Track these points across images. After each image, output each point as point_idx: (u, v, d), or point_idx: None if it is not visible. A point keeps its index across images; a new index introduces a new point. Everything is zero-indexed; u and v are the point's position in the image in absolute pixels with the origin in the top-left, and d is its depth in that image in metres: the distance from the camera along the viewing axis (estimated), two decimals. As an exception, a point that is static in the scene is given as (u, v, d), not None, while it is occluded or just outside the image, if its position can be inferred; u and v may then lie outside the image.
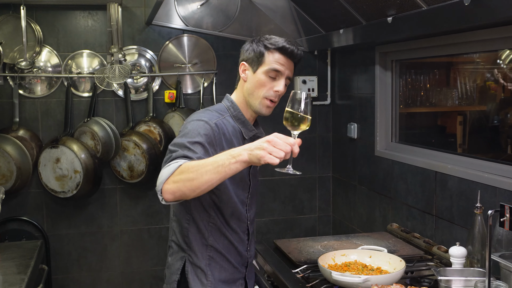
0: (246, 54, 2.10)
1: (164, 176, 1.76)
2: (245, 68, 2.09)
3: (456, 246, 2.19)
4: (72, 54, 3.69)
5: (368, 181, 3.54)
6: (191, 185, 1.73)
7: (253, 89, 2.06)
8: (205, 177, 1.72)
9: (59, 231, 3.78)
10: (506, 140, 3.00)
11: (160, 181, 1.77)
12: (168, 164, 1.79)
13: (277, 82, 2.05)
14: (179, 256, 2.10)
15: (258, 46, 2.06)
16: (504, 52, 2.85)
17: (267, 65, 2.04)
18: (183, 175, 1.73)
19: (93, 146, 3.60)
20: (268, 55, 2.05)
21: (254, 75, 2.06)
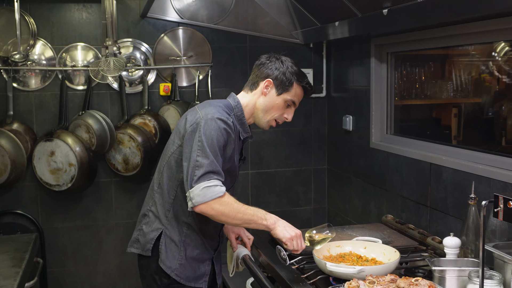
0: (275, 73, 2.26)
1: (207, 197, 2.02)
2: (269, 85, 2.26)
3: (450, 236, 2.20)
4: (67, 47, 3.67)
5: (363, 173, 3.55)
6: (222, 219, 2.08)
7: (269, 108, 2.27)
8: (235, 221, 2.10)
9: (54, 225, 3.77)
10: (500, 132, 3.00)
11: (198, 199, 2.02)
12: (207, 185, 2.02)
13: (289, 111, 2.32)
14: (155, 227, 2.26)
15: (291, 75, 2.26)
16: (499, 45, 2.86)
17: (291, 95, 2.27)
18: (221, 208, 2.04)
19: (88, 139, 3.59)
20: (295, 86, 2.27)
21: (276, 97, 2.26)
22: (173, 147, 2.24)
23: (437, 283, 1.96)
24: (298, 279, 2.21)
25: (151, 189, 2.34)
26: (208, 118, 2.10)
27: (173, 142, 2.25)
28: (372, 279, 1.87)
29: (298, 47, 4.00)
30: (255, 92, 2.29)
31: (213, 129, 2.08)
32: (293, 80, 2.26)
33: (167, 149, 2.29)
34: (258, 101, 2.28)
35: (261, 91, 2.27)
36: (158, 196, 2.28)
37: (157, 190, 2.29)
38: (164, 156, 2.30)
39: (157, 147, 3.71)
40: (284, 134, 4.09)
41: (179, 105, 3.76)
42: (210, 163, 2.04)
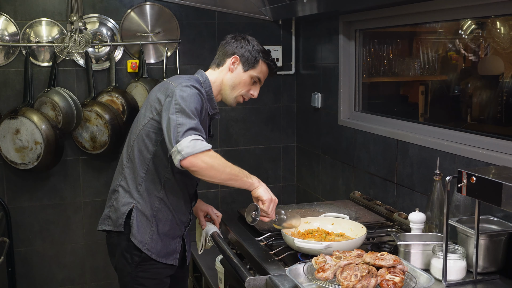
0: (241, 51, 2.33)
1: (196, 148, 2.00)
2: (236, 62, 2.33)
3: (416, 212, 2.23)
4: (30, 22, 3.58)
5: (331, 150, 3.58)
6: (211, 173, 2.06)
7: (236, 84, 2.33)
8: (223, 175, 2.10)
9: (21, 204, 3.72)
10: (466, 109, 3.05)
11: (188, 150, 1.99)
12: (195, 138, 2.01)
13: (255, 87, 2.39)
14: (126, 201, 2.26)
15: (257, 53, 2.34)
16: (465, 22, 2.89)
17: (257, 72, 2.35)
18: (211, 161, 2.04)
19: (54, 116, 3.53)
20: (261, 64, 2.35)
21: (243, 73, 2.33)
22: (144, 120, 2.24)
23: (402, 257, 2.00)
24: (266, 256, 2.22)
25: (120, 164, 2.34)
26: (183, 85, 2.14)
27: (143, 116, 2.24)
28: (339, 254, 1.89)
29: (267, 24, 3.98)
30: (222, 69, 2.35)
31: (189, 94, 2.11)
32: (258, 58, 2.33)
33: (137, 124, 2.28)
34: (225, 77, 2.34)
35: (228, 68, 2.33)
36: (128, 170, 2.28)
37: (127, 165, 2.29)
38: (134, 130, 2.29)
39: (125, 125, 3.66)
40: (253, 112, 4.08)
41: (147, 82, 3.71)
42: (191, 122, 2.05)
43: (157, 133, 2.20)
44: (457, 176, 1.82)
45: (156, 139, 2.22)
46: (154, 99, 2.22)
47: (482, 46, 2.96)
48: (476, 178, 1.74)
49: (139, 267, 2.27)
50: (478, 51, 2.99)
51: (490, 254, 1.97)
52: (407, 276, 1.81)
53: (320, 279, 1.80)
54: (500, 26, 2.78)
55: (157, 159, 2.23)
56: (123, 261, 2.29)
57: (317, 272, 1.82)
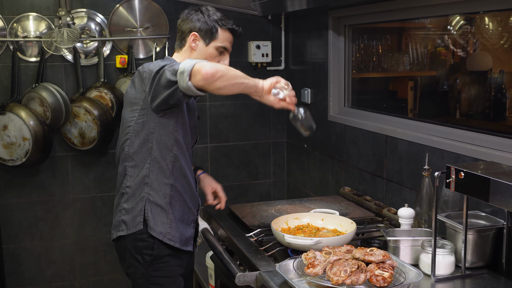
0: (197, 25, 2.25)
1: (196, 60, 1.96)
2: (196, 39, 2.26)
3: (405, 207, 2.24)
4: (18, 17, 3.54)
5: (321, 146, 3.58)
6: (223, 75, 1.94)
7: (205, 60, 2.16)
8: (234, 79, 1.98)
9: (9, 200, 3.69)
10: (455, 105, 3.07)
11: (190, 63, 1.93)
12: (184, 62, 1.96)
13: (224, 57, 2.30)
14: (138, 198, 2.18)
15: (211, 21, 2.24)
16: (454, 18, 2.90)
17: (219, 41, 2.26)
18: (216, 65, 1.96)
19: (42, 112, 3.50)
20: (220, 32, 2.26)
21: (206, 48, 2.25)
22: (132, 114, 2.19)
23: (391, 252, 2.01)
24: (256, 251, 2.22)
25: (122, 170, 2.24)
26: (156, 65, 2.09)
27: (129, 112, 2.21)
28: (328, 250, 1.90)
29: (256, 19, 3.97)
30: (184, 49, 2.30)
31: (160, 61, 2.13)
32: (217, 26, 2.25)
33: (125, 123, 2.23)
34: (191, 57, 2.26)
35: (190, 47, 2.27)
36: (131, 169, 2.20)
37: (129, 164, 2.21)
38: (124, 130, 2.23)
39: (113, 121, 3.65)
40: (243, 107, 4.08)
41: (136, 78, 3.69)
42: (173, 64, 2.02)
43: (149, 119, 2.15)
44: (446, 172, 1.83)
45: (150, 125, 2.15)
46: (133, 92, 2.20)
47: (471, 42, 2.97)
48: (465, 174, 1.75)
49: (152, 266, 2.20)
50: (466, 46, 3.01)
51: (478, 249, 1.98)
52: (396, 271, 1.82)
53: (310, 275, 1.80)
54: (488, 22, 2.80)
55: (158, 146, 2.17)
56: (135, 263, 2.21)
57: (307, 267, 1.82)
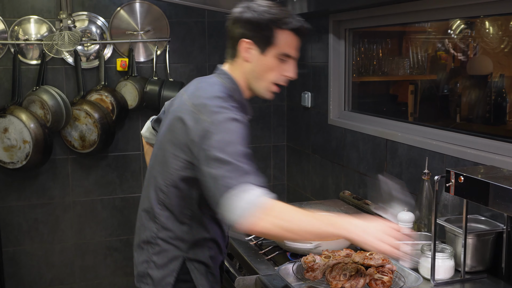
0: (248, 28, 1.77)
1: (248, 211, 1.50)
2: (248, 47, 1.79)
3: (404, 211, 2.24)
4: (19, 20, 3.55)
5: (321, 150, 3.58)
6: (284, 234, 1.56)
7: (261, 73, 1.82)
8: (303, 234, 1.57)
9: (9, 203, 3.69)
10: (455, 109, 3.07)
11: (238, 212, 1.51)
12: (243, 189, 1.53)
13: (288, 66, 1.83)
14: (172, 256, 1.83)
15: (270, 22, 1.75)
16: (454, 22, 2.90)
17: (279, 48, 1.78)
18: (280, 221, 1.53)
19: (43, 115, 3.51)
20: (279, 35, 1.77)
21: (263, 57, 1.79)
22: (176, 162, 1.76)
23: (391, 257, 2.00)
24: (256, 255, 2.22)
25: (150, 211, 1.86)
26: (219, 121, 1.64)
27: (174, 156, 1.76)
28: (328, 254, 1.90)
29: (257, 23, 3.97)
30: (237, 60, 1.84)
31: (228, 132, 1.64)
32: (272, 27, 1.76)
33: (166, 164, 1.79)
34: (245, 70, 1.83)
35: (243, 58, 1.81)
36: (165, 220, 1.82)
37: (162, 213, 1.82)
38: (163, 172, 1.81)
39: (114, 124, 3.65)
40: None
41: (137, 81, 3.70)
42: (234, 167, 1.58)
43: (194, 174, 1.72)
44: (445, 176, 1.83)
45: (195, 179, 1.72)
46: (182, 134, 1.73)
47: (471, 46, 2.98)
48: (464, 178, 1.75)
49: None
50: (467, 50, 3.01)
51: (478, 253, 1.98)
52: (395, 275, 1.82)
53: (309, 279, 1.80)
54: (489, 26, 2.80)
55: (201, 201, 1.79)
56: None
57: (306, 271, 1.82)
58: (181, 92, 1.93)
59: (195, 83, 1.90)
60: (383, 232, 1.52)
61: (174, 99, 1.98)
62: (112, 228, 3.91)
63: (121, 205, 3.90)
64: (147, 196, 1.89)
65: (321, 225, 1.54)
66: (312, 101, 3.68)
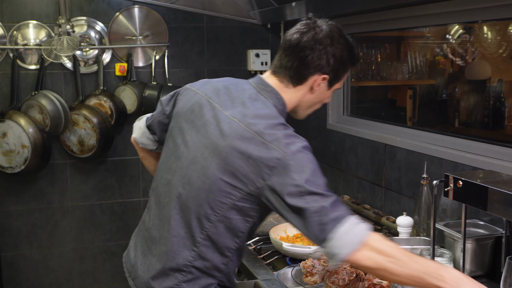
0: (331, 65, 1.67)
1: (351, 245, 1.45)
2: (322, 83, 1.70)
3: (403, 216, 2.24)
4: (18, 25, 3.55)
5: (320, 154, 3.58)
6: (381, 273, 1.48)
7: (316, 103, 1.78)
8: (399, 278, 1.46)
9: (7, 208, 3.69)
10: (454, 114, 3.08)
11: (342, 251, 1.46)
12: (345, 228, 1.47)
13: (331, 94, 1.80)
14: (204, 283, 1.70)
15: (348, 62, 1.70)
16: (453, 27, 2.91)
17: (341, 83, 1.76)
18: (379, 258, 1.45)
19: (41, 120, 3.51)
20: (348, 70, 1.75)
21: (327, 91, 1.74)
22: (233, 192, 1.61)
23: (390, 261, 2.00)
24: (255, 260, 2.22)
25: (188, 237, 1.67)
26: (294, 151, 1.58)
27: (230, 186, 1.60)
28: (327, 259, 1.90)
29: (255, 28, 3.98)
30: (300, 88, 1.71)
31: (307, 162, 1.59)
32: (348, 65, 1.72)
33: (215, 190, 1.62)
34: (303, 99, 1.74)
35: (310, 88, 1.71)
36: (206, 250, 1.66)
37: (204, 243, 1.66)
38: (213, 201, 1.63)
39: (113, 128, 3.65)
40: (242, 115, 4.07)
41: (135, 86, 3.70)
42: (330, 199, 1.53)
43: (254, 207, 1.63)
44: (444, 180, 1.83)
45: (253, 214, 1.65)
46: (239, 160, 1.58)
47: (470, 51, 2.99)
48: (463, 182, 1.75)
49: None
50: (465, 55, 3.02)
51: (477, 258, 1.98)
52: (394, 280, 1.81)
53: (308, 283, 1.80)
54: (487, 31, 2.81)
55: (246, 231, 1.69)
56: None
57: (305, 276, 1.82)
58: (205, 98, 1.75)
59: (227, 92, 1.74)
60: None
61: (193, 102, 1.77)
62: (111, 233, 3.91)
63: (120, 209, 3.90)
64: (182, 222, 1.69)
65: (424, 274, 1.42)
66: (310, 106, 3.68)
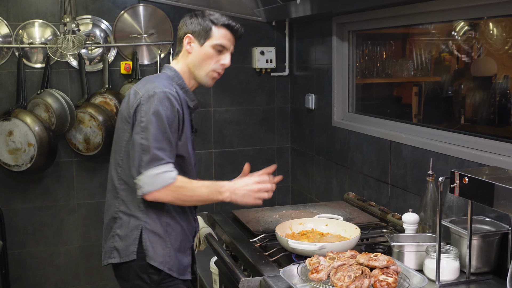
0: (191, 27, 2.14)
1: (157, 184, 1.95)
2: (190, 41, 2.14)
3: (409, 212, 2.24)
4: (23, 23, 3.57)
5: (325, 151, 3.58)
6: (179, 202, 2.06)
7: (200, 62, 2.15)
8: (192, 202, 2.09)
9: (14, 205, 3.70)
10: (459, 110, 3.06)
11: (148, 187, 1.96)
12: (156, 172, 1.95)
13: (223, 56, 2.17)
14: (133, 226, 2.08)
15: (205, 21, 2.13)
16: (458, 24, 2.90)
17: (215, 39, 2.13)
18: (176, 193, 2.00)
19: (47, 118, 3.52)
20: (215, 30, 2.13)
21: (201, 48, 2.13)
22: (125, 134, 2.08)
23: (396, 258, 2.00)
24: (260, 257, 2.22)
25: (113, 189, 2.14)
26: (150, 94, 2.00)
27: (123, 130, 2.09)
28: (332, 255, 1.90)
29: (260, 25, 3.98)
30: (181, 54, 2.18)
31: (156, 106, 1.97)
32: (210, 25, 2.13)
33: (119, 140, 2.12)
34: (188, 61, 2.16)
35: (186, 51, 2.15)
36: (124, 193, 2.10)
37: (121, 187, 2.11)
38: (118, 148, 2.12)
39: (118, 126, 3.66)
40: (247, 113, 4.08)
41: (141, 84, 3.71)
42: (156, 146, 1.95)
43: None
44: (450, 177, 1.82)
45: None
46: (125, 109, 2.08)
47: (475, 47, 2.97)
48: (469, 179, 1.75)
49: (160, 286, 2.11)
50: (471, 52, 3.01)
51: (483, 255, 1.98)
52: (400, 276, 1.81)
53: (314, 280, 1.80)
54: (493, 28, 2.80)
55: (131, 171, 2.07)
56: (141, 284, 2.10)
57: (311, 273, 1.82)
58: None
59: (149, 78, 2.18)
60: (247, 188, 2.09)
61: None
62: (117, 231, 3.91)
63: (125, 207, 3.90)
64: (110, 176, 2.16)
65: (208, 195, 2.06)
66: (316, 103, 3.68)
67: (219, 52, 2.15)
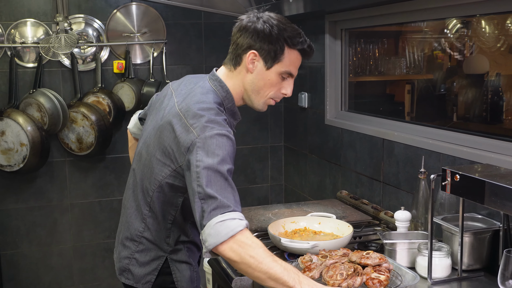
0: (259, 43, 1.78)
1: (222, 234, 1.56)
2: (254, 60, 1.80)
3: (401, 210, 2.24)
4: (15, 23, 3.55)
5: (318, 150, 3.58)
6: (243, 267, 1.59)
7: (261, 87, 1.86)
8: (256, 273, 1.58)
9: (6, 206, 3.69)
10: (452, 108, 3.07)
11: (211, 240, 1.57)
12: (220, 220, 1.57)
13: (287, 83, 1.88)
14: (155, 255, 1.92)
15: (278, 39, 1.77)
16: (451, 21, 2.91)
17: (284, 66, 1.82)
18: (243, 250, 1.57)
19: (40, 118, 3.51)
20: (287, 53, 1.80)
21: (266, 72, 1.82)
22: (164, 169, 1.79)
23: (388, 255, 2.01)
24: (253, 255, 2.22)
25: (138, 210, 1.91)
26: (207, 136, 1.66)
27: (162, 164, 1.79)
28: (324, 253, 1.90)
29: (253, 24, 3.97)
30: (239, 69, 1.85)
31: (215, 148, 1.65)
32: (284, 45, 1.79)
33: (152, 170, 1.83)
34: (245, 80, 1.85)
35: (246, 68, 1.82)
36: (151, 220, 1.89)
37: (149, 214, 1.88)
38: (149, 177, 1.85)
39: (111, 126, 3.66)
40: (241, 111, 4.06)
41: (133, 83, 3.70)
42: (219, 192, 1.61)
43: (182, 185, 1.79)
44: (442, 174, 1.83)
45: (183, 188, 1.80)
46: (171, 144, 1.75)
47: (468, 45, 2.98)
48: (460, 176, 1.75)
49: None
50: (463, 50, 3.01)
51: (475, 252, 1.98)
52: (392, 274, 1.82)
53: (306, 278, 1.80)
54: (485, 25, 2.80)
55: (185, 207, 1.87)
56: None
57: (303, 271, 1.82)
58: (171, 89, 1.98)
59: (187, 84, 1.94)
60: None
61: (163, 94, 2.02)
62: (110, 230, 3.91)
63: (119, 207, 3.89)
64: (134, 195, 1.93)
65: (280, 274, 1.56)
66: (309, 102, 3.68)
67: (283, 79, 1.86)
